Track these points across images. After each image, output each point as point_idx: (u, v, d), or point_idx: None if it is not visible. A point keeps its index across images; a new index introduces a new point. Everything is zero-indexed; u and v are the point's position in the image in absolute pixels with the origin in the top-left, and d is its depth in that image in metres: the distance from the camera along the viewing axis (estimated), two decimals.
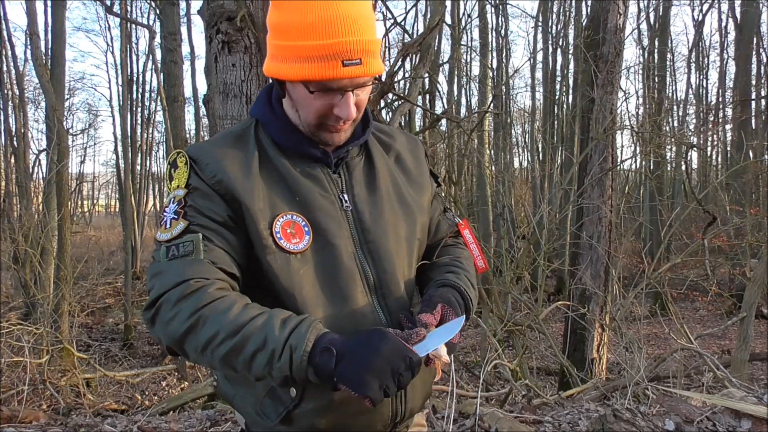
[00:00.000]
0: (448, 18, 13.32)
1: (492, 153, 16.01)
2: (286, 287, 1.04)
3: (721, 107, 18.35)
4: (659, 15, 17.25)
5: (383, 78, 4.37)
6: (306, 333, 0.95)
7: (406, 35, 8.42)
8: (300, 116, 1.10)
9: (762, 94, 15.32)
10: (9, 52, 12.85)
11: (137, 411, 5.37)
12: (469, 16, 16.27)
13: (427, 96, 12.83)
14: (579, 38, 9.31)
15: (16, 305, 8.79)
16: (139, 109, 21.48)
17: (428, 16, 13.47)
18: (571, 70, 15.76)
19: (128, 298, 11.31)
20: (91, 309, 10.93)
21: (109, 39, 28.54)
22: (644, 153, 8.08)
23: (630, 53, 32.98)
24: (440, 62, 14.96)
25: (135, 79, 20.37)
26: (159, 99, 17.54)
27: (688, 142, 10.21)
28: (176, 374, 8.17)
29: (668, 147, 12.73)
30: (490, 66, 15.32)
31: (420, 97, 10.96)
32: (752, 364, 7.06)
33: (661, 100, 14.89)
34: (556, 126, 17.81)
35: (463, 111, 18.57)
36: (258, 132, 1.13)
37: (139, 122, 21.68)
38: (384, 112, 7.85)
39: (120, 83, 17.53)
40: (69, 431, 3.50)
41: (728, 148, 16.16)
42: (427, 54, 5.21)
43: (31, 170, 15.52)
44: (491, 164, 14.97)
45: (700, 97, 20.51)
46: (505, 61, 18.80)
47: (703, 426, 2.59)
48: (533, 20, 19.07)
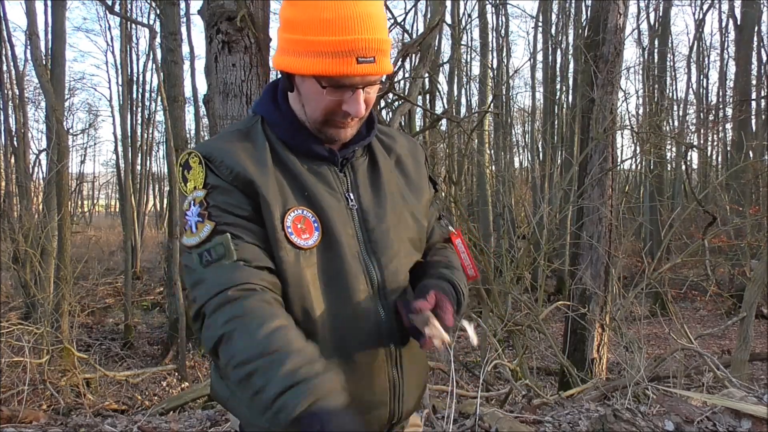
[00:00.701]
0: (448, 18, 13.35)
1: (492, 153, 16.03)
2: (293, 283, 1.04)
3: (721, 107, 18.35)
4: (659, 15, 17.30)
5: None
6: (300, 398, 0.89)
7: (406, 35, 8.42)
8: (306, 111, 1.09)
9: (762, 94, 15.30)
10: (9, 52, 12.86)
11: (137, 411, 5.37)
12: (469, 16, 16.32)
13: (427, 96, 12.83)
14: (579, 38, 9.33)
15: (16, 305, 8.79)
16: (139, 109, 21.50)
17: (428, 16, 13.48)
18: (571, 70, 15.79)
19: (128, 298, 11.32)
20: (91, 309, 10.91)
21: (109, 39, 28.53)
22: (643, 152, 8.08)
23: (630, 53, 33.06)
24: (440, 62, 14.95)
25: (135, 79, 20.39)
26: (159, 99, 17.52)
27: (688, 143, 10.22)
28: (176, 374, 8.18)
29: (668, 147, 12.75)
30: (490, 66, 15.33)
31: (420, 97, 10.95)
32: (752, 364, 7.05)
33: (661, 100, 14.88)
34: (556, 126, 17.80)
35: (463, 111, 18.58)
36: (265, 128, 1.13)
37: (139, 122, 21.72)
38: (384, 112, 7.84)
39: (120, 83, 17.59)
40: (69, 431, 3.50)
41: (728, 148, 16.14)
42: (427, 54, 5.19)
43: (31, 170, 15.51)
44: (491, 164, 14.99)
45: (700, 97, 20.51)
46: (505, 61, 18.86)
47: (703, 426, 2.59)
48: (533, 20, 19.12)
